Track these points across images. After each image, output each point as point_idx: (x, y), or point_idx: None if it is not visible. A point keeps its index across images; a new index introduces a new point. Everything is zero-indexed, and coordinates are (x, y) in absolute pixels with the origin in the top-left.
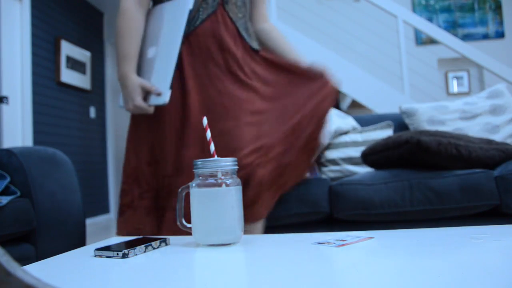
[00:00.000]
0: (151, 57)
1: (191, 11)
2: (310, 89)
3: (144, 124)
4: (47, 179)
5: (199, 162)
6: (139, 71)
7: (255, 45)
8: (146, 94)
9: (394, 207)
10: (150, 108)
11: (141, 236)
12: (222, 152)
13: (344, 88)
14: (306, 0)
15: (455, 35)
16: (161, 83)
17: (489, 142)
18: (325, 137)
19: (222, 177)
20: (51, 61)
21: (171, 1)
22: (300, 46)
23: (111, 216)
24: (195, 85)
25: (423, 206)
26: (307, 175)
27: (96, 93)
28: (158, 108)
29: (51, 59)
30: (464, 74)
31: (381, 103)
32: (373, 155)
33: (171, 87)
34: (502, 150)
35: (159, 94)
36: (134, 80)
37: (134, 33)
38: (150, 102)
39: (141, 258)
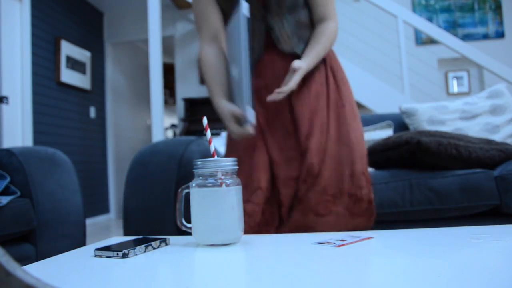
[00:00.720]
0: (234, 75)
1: (248, 18)
2: None
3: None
4: (47, 179)
5: (199, 162)
6: (232, 93)
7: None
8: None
9: (394, 207)
10: (248, 129)
11: (141, 236)
12: None
13: None
14: None
15: (455, 35)
16: (243, 104)
17: (489, 142)
18: None
19: (222, 177)
20: (51, 61)
21: (233, 14)
22: None
23: (111, 216)
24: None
25: (423, 206)
26: None
27: (96, 93)
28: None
29: (51, 59)
30: (464, 74)
31: (381, 103)
32: (373, 155)
33: (252, 106)
34: (502, 150)
35: (245, 117)
36: (223, 109)
37: (210, 71)
38: (244, 126)
39: (141, 258)
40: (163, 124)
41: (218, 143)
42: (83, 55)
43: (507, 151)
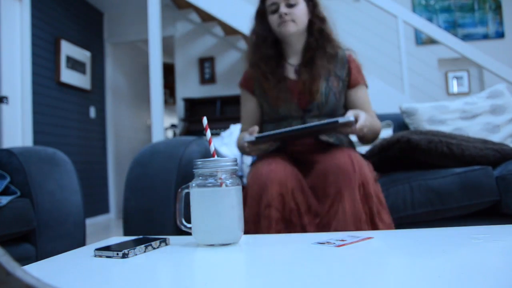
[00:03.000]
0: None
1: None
2: None
3: None
4: (47, 179)
5: (199, 162)
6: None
7: None
8: None
9: (396, 213)
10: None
11: (141, 236)
12: None
13: None
14: None
15: (455, 35)
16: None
17: (485, 142)
18: None
19: (222, 177)
20: (51, 61)
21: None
22: None
23: (111, 216)
24: None
25: (425, 208)
26: None
27: (96, 93)
28: None
29: (51, 59)
30: (464, 74)
31: (381, 103)
32: (372, 158)
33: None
34: (497, 150)
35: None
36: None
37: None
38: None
39: (141, 258)
40: (163, 124)
41: (218, 143)
42: (83, 55)
43: (503, 151)
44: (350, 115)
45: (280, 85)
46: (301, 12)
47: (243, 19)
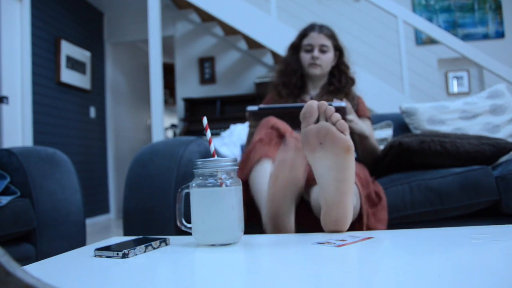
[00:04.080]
0: None
1: None
2: None
3: None
4: (47, 179)
5: (199, 162)
6: None
7: None
8: None
9: (396, 212)
10: None
11: (141, 236)
12: None
13: None
14: (306, 0)
15: (455, 35)
16: None
17: (479, 137)
18: None
19: (222, 177)
20: (51, 61)
21: None
22: None
23: (111, 216)
24: None
25: (424, 208)
26: None
27: (96, 93)
28: None
29: (51, 59)
30: (464, 74)
31: (381, 103)
32: (370, 168)
33: None
34: (493, 145)
35: None
36: None
37: None
38: None
39: (141, 258)
40: (163, 124)
41: (218, 143)
42: (83, 55)
43: (498, 145)
44: (342, 102)
45: (296, 102)
46: (329, 59)
47: (243, 19)
